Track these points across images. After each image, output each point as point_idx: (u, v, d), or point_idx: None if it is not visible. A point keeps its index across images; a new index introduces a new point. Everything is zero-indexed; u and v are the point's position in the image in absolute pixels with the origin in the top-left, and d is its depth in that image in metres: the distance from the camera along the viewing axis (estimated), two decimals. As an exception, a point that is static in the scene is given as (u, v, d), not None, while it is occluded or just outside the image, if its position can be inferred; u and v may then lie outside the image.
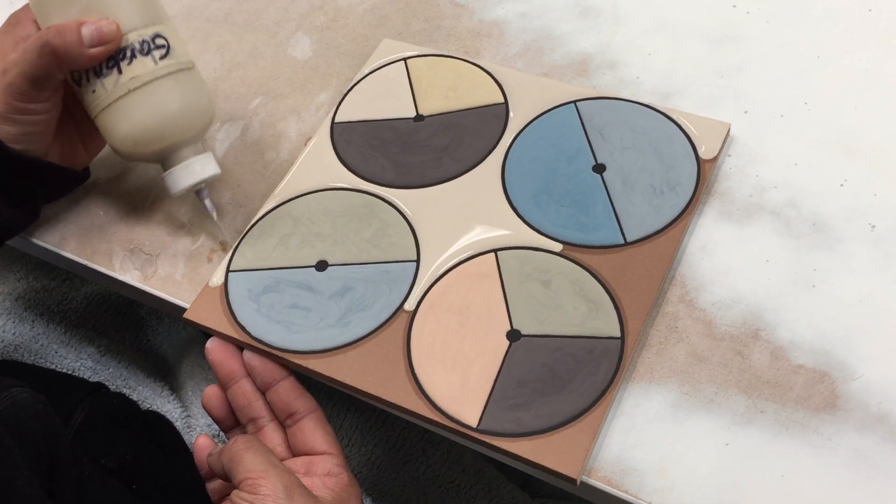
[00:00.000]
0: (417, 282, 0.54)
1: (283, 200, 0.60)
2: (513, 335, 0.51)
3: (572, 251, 0.54)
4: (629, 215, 0.55)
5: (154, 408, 0.75)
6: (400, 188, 0.59)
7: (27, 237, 0.64)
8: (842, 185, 0.54)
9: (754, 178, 0.56)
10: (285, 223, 0.59)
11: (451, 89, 0.63)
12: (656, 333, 0.51)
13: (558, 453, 0.46)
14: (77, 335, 0.80)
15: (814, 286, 0.51)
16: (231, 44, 0.72)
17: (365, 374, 0.51)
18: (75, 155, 0.61)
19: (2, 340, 0.78)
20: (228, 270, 0.57)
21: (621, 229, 0.54)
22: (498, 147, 0.60)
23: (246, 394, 0.53)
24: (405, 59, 0.66)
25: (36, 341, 0.79)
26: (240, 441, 0.48)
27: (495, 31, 0.68)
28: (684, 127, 0.58)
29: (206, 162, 0.57)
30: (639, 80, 0.62)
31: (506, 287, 0.53)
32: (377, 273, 0.55)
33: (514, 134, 0.60)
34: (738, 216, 0.55)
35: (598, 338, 0.50)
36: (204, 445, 0.53)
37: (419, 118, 0.62)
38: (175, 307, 0.59)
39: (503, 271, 0.54)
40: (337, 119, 0.64)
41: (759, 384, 0.48)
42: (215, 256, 0.60)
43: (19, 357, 0.78)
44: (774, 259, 0.52)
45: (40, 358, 0.78)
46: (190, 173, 0.57)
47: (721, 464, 0.46)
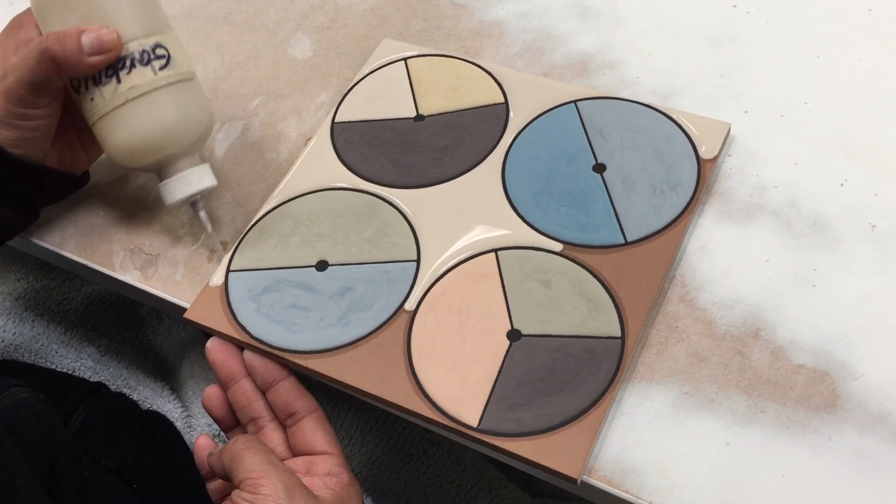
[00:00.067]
0: (418, 282, 0.54)
1: (284, 200, 0.60)
2: (513, 335, 0.51)
3: (572, 251, 0.54)
4: (629, 215, 0.55)
5: (154, 408, 0.75)
6: (400, 188, 0.59)
7: (27, 237, 0.64)
8: (842, 185, 0.54)
9: (754, 178, 0.56)
10: (285, 223, 0.59)
11: (452, 89, 0.63)
12: (657, 333, 0.51)
13: (559, 453, 0.46)
14: (77, 335, 0.80)
15: (814, 286, 0.51)
16: (231, 44, 0.72)
17: (365, 374, 0.51)
18: (75, 159, 0.61)
19: (2, 340, 0.78)
20: (229, 270, 0.57)
21: (621, 229, 0.54)
22: (498, 147, 0.60)
23: (246, 394, 0.53)
24: (405, 59, 0.66)
25: (36, 341, 0.79)
26: (240, 441, 0.48)
27: (495, 31, 0.68)
28: (684, 127, 0.58)
29: (203, 174, 0.57)
30: (639, 80, 0.62)
31: (506, 287, 0.53)
32: (377, 273, 0.55)
33: (515, 134, 0.60)
34: (739, 216, 0.55)
35: (599, 337, 0.50)
36: (204, 445, 0.53)
37: (419, 118, 0.62)
38: (175, 307, 0.59)
39: (503, 271, 0.54)
40: (337, 119, 0.64)
41: (760, 384, 0.48)
42: (215, 256, 0.60)
43: (19, 357, 0.78)
44: (775, 259, 0.52)
45: (40, 358, 0.78)
46: (185, 185, 0.56)
47: (721, 463, 0.46)
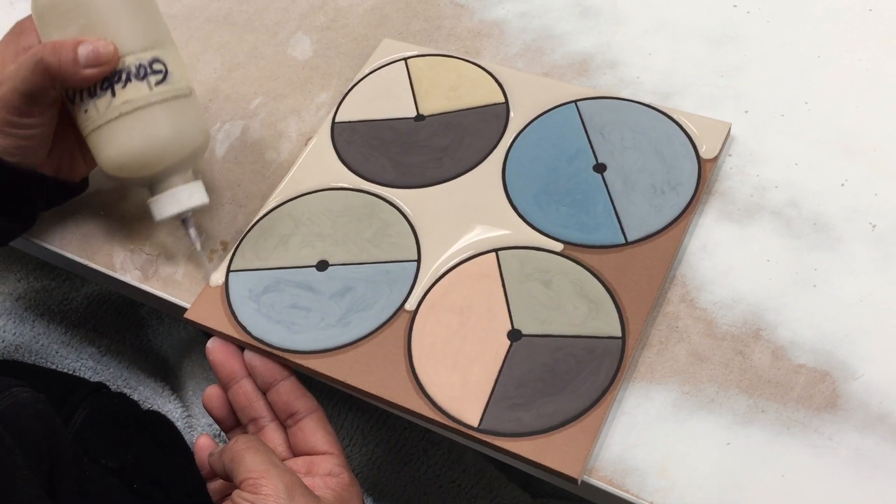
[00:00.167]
0: (418, 282, 0.54)
1: (284, 200, 0.60)
2: (514, 335, 0.51)
3: (573, 251, 0.54)
4: (630, 215, 0.55)
5: (155, 408, 0.75)
6: (400, 188, 0.59)
7: (28, 237, 0.64)
8: (842, 185, 0.54)
9: (755, 178, 0.56)
10: (286, 223, 0.59)
11: (452, 89, 0.63)
12: (657, 333, 0.51)
13: (559, 453, 0.46)
14: (77, 335, 0.80)
15: (814, 286, 0.51)
16: (231, 44, 0.72)
17: (366, 374, 0.51)
18: (73, 166, 0.60)
19: (2, 341, 0.78)
20: (229, 270, 0.57)
21: (622, 229, 0.54)
22: (498, 147, 0.60)
23: (247, 394, 0.53)
24: (405, 59, 0.66)
25: (36, 341, 0.79)
26: (241, 441, 0.48)
27: (495, 31, 0.68)
28: (685, 127, 0.58)
29: (194, 191, 0.56)
30: (639, 80, 0.62)
31: (507, 287, 0.53)
32: (378, 273, 0.55)
33: (515, 134, 0.60)
34: (739, 216, 0.55)
35: (599, 337, 0.50)
36: (205, 445, 0.53)
37: (420, 118, 0.62)
38: (176, 307, 0.59)
39: (504, 271, 0.54)
40: (337, 119, 0.64)
41: (760, 384, 0.48)
42: (216, 257, 0.60)
43: (20, 357, 0.78)
44: (775, 259, 0.52)
45: (41, 358, 0.78)
46: (175, 202, 0.55)
47: (722, 463, 0.46)
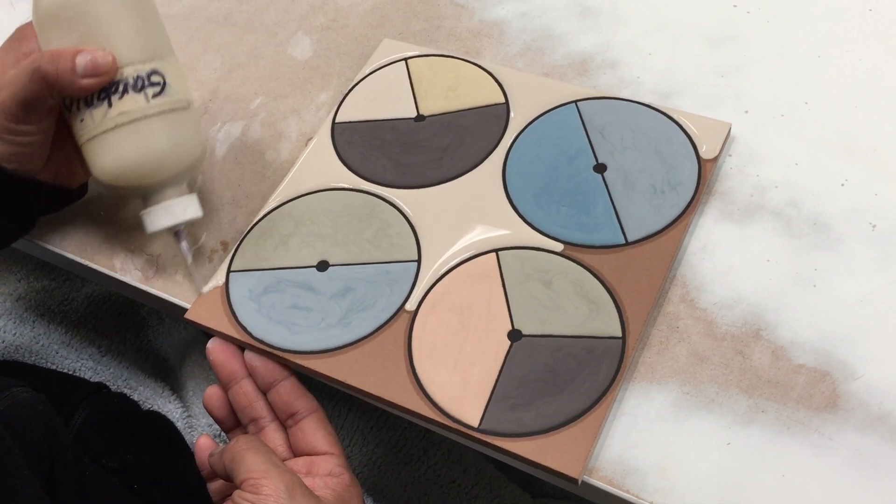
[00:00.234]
0: (418, 282, 0.54)
1: (284, 200, 0.60)
2: (514, 335, 0.51)
3: (573, 251, 0.54)
4: (630, 215, 0.55)
5: (155, 408, 0.75)
6: (401, 188, 0.59)
7: (28, 238, 0.64)
8: (842, 185, 0.54)
9: (755, 178, 0.56)
10: (286, 223, 0.59)
11: (452, 89, 0.63)
12: (657, 333, 0.51)
13: (559, 453, 0.46)
14: (78, 336, 0.80)
15: (814, 286, 0.51)
16: (231, 44, 0.72)
17: (366, 375, 0.51)
18: (72, 173, 0.60)
19: (2, 341, 0.78)
20: (229, 271, 0.57)
21: (622, 229, 0.54)
22: (499, 147, 0.60)
23: (247, 394, 0.53)
24: (406, 59, 0.66)
25: (37, 342, 0.79)
26: (241, 441, 0.48)
27: (496, 31, 0.68)
28: (685, 127, 0.58)
29: (188, 205, 0.55)
30: (639, 80, 0.62)
31: (507, 287, 0.53)
32: (378, 273, 0.55)
33: (515, 134, 0.60)
34: (739, 216, 0.55)
35: (600, 338, 0.50)
36: (205, 446, 0.53)
37: (420, 118, 0.62)
38: (176, 307, 0.59)
39: (504, 271, 0.54)
40: (338, 119, 0.64)
41: (761, 384, 0.48)
42: (216, 257, 0.60)
43: (20, 357, 0.78)
44: (775, 259, 0.52)
45: (41, 358, 0.78)
46: (168, 215, 0.55)
47: (722, 463, 0.46)
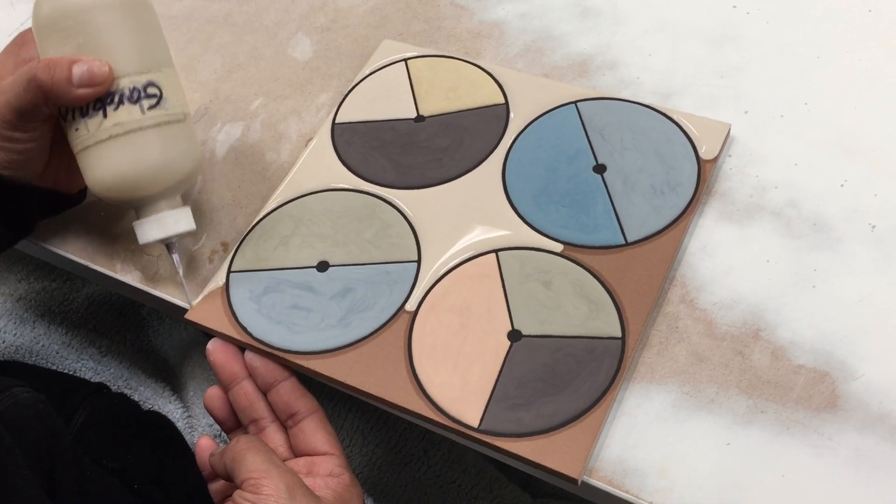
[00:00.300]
0: (418, 282, 0.54)
1: (284, 201, 0.60)
2: (514, 335, 0.51)
3: (573, 251, 0.54)
4: (630, 216, 0.55)
5: (156, 408, 0.75)
6: (400, 189, 0.59)
7: (29, 239, 0.64)
8: (842, 186, 0.54)
9: (754, 179, 0.56)
10: (286, 224, 0.59)
11: (452, 90, 0.63)
12: (657, 333, 0.51)
13: (559, 453, 0.47)
14: (78, 336, 0.80)
15: (814, 286, 0.51)
16: (231, 45, 0.72)
17: (366, 375, 0.51)
18: (70, 179, 0.60)
19: (3, 342, 0.78)
20: (230, 271, 0.58)
21: (622, 230, 0.54)
22: (498, 148, 0.60)
23: (247, 395, 0.54)
24: (406, 60, 0.66)
25: (37, 342, 0.79)
26: (242, 441, 0.49)
27: (495, 32, 0.68)
28: (684, 127, 0.58)
29: (180, 217, 0.55)
30: (639, 81, 0.62)
31: (507, 287, 0.53)
32: (378, 274, 0.55)
33: (515, 134, 0.60)
34: (739, 216, 0.55)
35: (599, 338, 0.50)
36: (206, 446, 0.54)
37: (420, 119, 0.63)
38: (176, 308, 0.59)
39: (504, 272, 0.54)
40: (338, 120, 0.64)
41: (760, 384, 0.48)
42: (216, 257, 0.60)
43: (20, 358, 0.78)
44: (775, 259, 0.52)
45: (41, 359, 0.78)
46: (160, 227, 0.55)
47: (722, 464, 0.46)
